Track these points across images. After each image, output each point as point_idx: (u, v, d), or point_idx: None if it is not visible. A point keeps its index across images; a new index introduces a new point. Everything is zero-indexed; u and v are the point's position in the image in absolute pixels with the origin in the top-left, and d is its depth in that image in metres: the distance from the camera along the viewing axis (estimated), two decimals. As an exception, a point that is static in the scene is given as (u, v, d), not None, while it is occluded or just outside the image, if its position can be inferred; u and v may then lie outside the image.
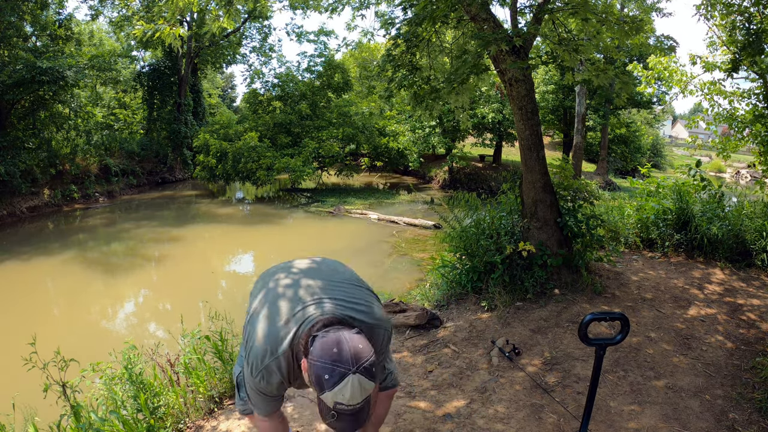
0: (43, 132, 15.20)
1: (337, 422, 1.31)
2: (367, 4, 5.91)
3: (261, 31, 23.48)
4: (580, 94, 15.27)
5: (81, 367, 2.78)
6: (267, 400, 1.62)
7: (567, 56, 3.97)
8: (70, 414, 2.54)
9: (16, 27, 14.52)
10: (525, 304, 4.07)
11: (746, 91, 6.82)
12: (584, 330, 1.72)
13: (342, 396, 1.28)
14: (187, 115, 21.37)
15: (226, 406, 3.00)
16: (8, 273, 8.66)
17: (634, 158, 25.57)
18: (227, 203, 16.71)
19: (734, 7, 6.12)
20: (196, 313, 6.19)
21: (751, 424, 2.51)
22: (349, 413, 1.30)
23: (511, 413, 2.67)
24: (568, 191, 4.64)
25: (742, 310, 3.97)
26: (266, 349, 1.51)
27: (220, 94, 42.03)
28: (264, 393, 1.58)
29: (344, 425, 1.31)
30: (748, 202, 6.02)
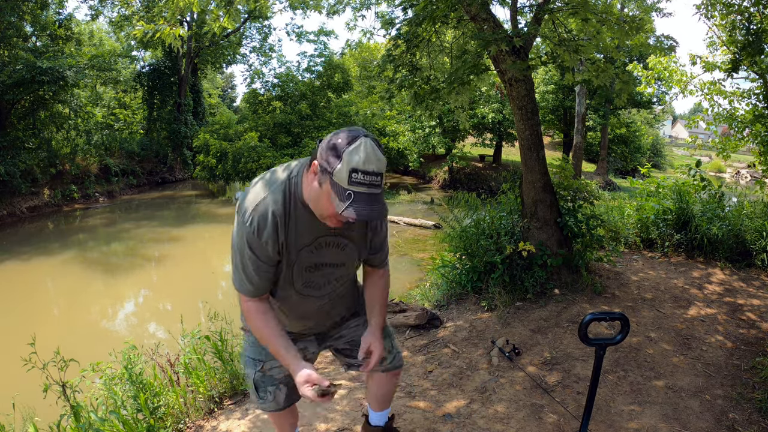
0: (43, 132, 15.21)
1: (354, 203, 1.24)
2: (368, 5, 5.91)
3: (261, 31, 23.51)
4: (580, 94, 15.27)
5: (81, 367, 2.78)
6: (256, 265, 1.45)
7: (567, 56, 3.97)
8: (69, 414, 2.54)
9: (16, 27, 14.53)
10: (525, 304, 4.07)
11: (746, 91, 6.82)
12: (584, 330, 1.72)
13: (357, 158, 1.22)
14: (187, 115, 21.37)
15: (226, 406, 3.00)
16: (8, 273, 8.66)
17: (634, 158, 25.58)
18: (227, 203, 16.71)
19: (734, 7, 6.12)
20: (196, 313, 6.19)
21: (751, 424, 2.51)
22: (366, 187, 1.24)
23: (511, 413, 2.67)
24: (568, 191, 4.64)
25: (742, 310, 3.97)
26: (258, 192, 1.42)
27: (220, 94, 42.04)
28: (253, 249, 1.42)
29: (361, 207, 1.24)
30: (748, 202, 6.02)
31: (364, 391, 2.99)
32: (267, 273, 1.48)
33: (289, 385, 1.80)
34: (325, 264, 1.57)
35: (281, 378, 1.79)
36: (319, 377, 1.44)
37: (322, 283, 1.61)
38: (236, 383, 3.12)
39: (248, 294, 1.52)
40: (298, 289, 1.59)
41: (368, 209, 1.25)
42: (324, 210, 1.35)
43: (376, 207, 1.27)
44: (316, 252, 1.52)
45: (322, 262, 1.55)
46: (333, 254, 1.56)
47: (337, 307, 1.76)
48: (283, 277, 1.53)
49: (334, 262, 1.58)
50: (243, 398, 3.08)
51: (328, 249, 1.54)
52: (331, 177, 1.26)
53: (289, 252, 1.47)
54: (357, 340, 1.81)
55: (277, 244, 1.43)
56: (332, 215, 1.34)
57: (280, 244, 1.44)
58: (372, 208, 1.26)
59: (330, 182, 1.26)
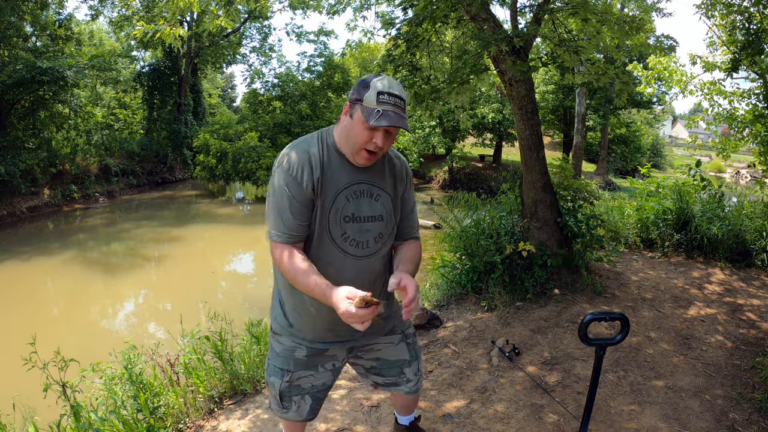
0: (43, 132, 15.21)
1: (383, 117, 1.41)
2: (368, 5, 5.91)
3: (261, 31, 23.51)
4: (580, 94, 15.28)
5: (81, 367, 2.78)
6: (291, 204, 1.48)
7: (567, 57, 3.97)
8: (69, 414, 2.54)
9: (16, 27, 14.53)
10: (525, 304, 4.07)
11: (746, 91, 6.82)
12: (584, 330, 1.72)
13: (383, 84, 1.44)
14: (187, 115, 21.37)
15: (226, 406, 3.00)
16: (8, 273, 8.66)
17: (634, 158, 25.58)
18: (227, 203, 16.71)
19: (734, 7, 6.12)
20: (196, 313, 6.19)
21: (751, 424, 2.51)
22: (392, 106, 1.43)
23: (511, 413, 2.67)
24: (568, 191, 4.64)
25: (742, 310, 3.97)
26: (293, 143, 1.57)
27: (220, 94, 42.05)
28: (289, 187, 1.48)
29: (390, 116, 1.41)
30: (748, 202, 6.02)
31: (364, 391, 2.99)
32: (301, 214, 1.51)
33: (314, 396, 1.78)
34: (362, 217, 1.57)
35: (308, 388, 1.76)
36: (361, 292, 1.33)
37: (360, 241, 1.58)
38: (236, 383, 3.12)
39: (282, 239, 1.50)
40: (337, 241, 1.55)
41: (396, 118, 1.42)
42: (356, 138, 1.47)
43: (402, 120, 1.44)
44: (353, 201, 1.56)
45: (358, 214, 1.56)
46: (368, 205, 1.58)
47: (380, 282, 1.68)
48: (319, 222, 1.53)
49: (371, 215, 1.58)
50: (243, 398, 3.08)
51: (363, 199, 1.57)
52: (361, 104, 1.45)
53: (325, 194, 1.52)
54: (386, 359, 1.81)
55: (312, 181, 1.50)
56: (364, 142, 1.47)
57: (315, 180, 1.50)
58: (399, 118, 1.43)
59: (360, 108, 1.44)
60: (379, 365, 1.84)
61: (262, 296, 7.62)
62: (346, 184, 1.55)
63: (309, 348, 1.71)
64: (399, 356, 1.83)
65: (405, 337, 1.84)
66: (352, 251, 1.57)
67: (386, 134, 1.48)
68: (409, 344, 1.85)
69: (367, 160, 1.51)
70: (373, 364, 1.84)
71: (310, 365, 1.73)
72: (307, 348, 1.71)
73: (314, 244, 1.56)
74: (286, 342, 1.73)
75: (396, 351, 1.82)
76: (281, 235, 1.50)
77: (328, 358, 1.75)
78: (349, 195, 1.55)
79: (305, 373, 1.73)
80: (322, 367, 1.76)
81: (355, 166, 1.56)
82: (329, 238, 1.55)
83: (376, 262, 1.63)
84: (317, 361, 1.74)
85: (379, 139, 1.46)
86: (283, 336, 1.74)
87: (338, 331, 1.68)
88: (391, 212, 1.64)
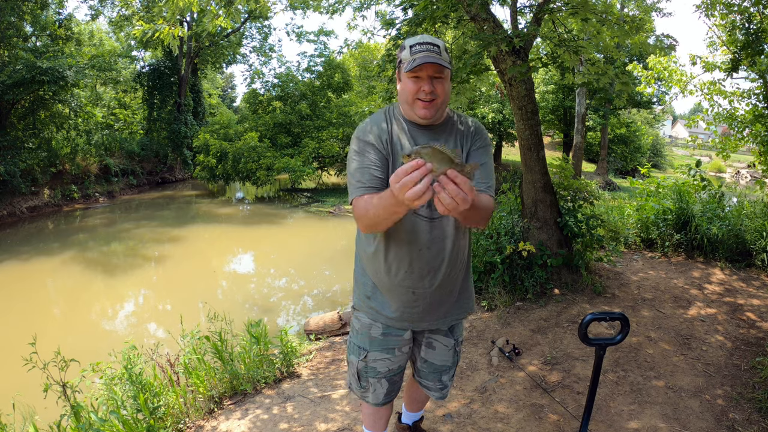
0: (43, 132, 15.19)
1: (416, 60, 1.46)
2: (368, 5, 5.91)
3: (261, 31, 23.51)
4: (580, 94, 15.27)
5: (81, 367, 2.78)
6: (367, 161, 1.56)
7: (567, 57, 3.97)
8: (70, 414, 2.54)
9: (16, 27, 14.53)
10: (525, 304, 4.07)
11: (746, 91, 6.81)
12: (584, 330, 1.72)
13: (415, 39, 1.52)
14: (187, 115, 21.36)
15: (226, 406, 3.00)
16: (8, 273, 8.66)
17: (634, 158, 25.56)
18: (227, 203, 16.71)
19: (734, 7, 6.12)
20: (196, 313, 6.19)
21: (751, 424, 2.51)
22: (424, 48, 1.48)
23: (511, 413, 2.67)
24: (568, 191, 4.64)
25: (742, 310, 3.97)
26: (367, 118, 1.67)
27: (220, 94, 42.02)
28: (365, 146, 1.57)
29: (423, 58, 1.46)
30: (748, 202, 6.02)
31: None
32: (376, 171, 1.55)
33: (391, 380, 1.83)
34: None
35: (384, 372, 1.80)
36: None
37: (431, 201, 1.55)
38: (236, 383, 3.12)
39: (358, 192, 1.54)
40: None
41: (429, 57, 1.46)
42: (407, 94, 1.53)
43: (437, 58, 1.47)
44: None
45: None
46: None
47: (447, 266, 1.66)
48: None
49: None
50: (243, 398, 3.08)
51: None
52: (401, 64, 1.53)
53: (394, 157, 1.58)
54: (433, 363, 1.85)
55: (381, 141, 1.58)
56: (414, 93, 1.52)
57: (383, 141, 1.58)
58: (433, 57, 1.47)
59: (401, 67, 1.53)
60: (425, 368, 1.88)
61: (262, 296, 7.62)
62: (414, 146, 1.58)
63: (385, 326, 1.74)
64: (444, 362, 1.87)
65: (456, 344, 1.87)
66: (423, 212, 1.59)
67: (432, 80, 1.50)
68: (456, 352, 1.88)
69: (425, 109, 1.54)
70: (421, 365, 1.89)
71: (386, 347, 1.76)
72: (383, 326, 1.74)
73: None
74: (363, 318, 1.78)
75: (444, 357, 1.85)
76: (357, 189, 1.53)
77: (404, 342, 1.78)
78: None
79: (381, 356, 1.77)
80: (399, 351, 1.79)
81: (421, 132, 1.60)
82: None
83: (448, 226, 1.62)
84: (393, 343, 1.77)
85: (426, 85, 1.49)
86: (361, 311, 1.78)
87: (412, 312, 1.70)
88: None
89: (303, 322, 5.16)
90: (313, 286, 8.02)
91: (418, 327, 1.75)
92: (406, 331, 1.76)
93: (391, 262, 1.63)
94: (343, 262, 8.80)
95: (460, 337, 1.88)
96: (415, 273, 1.63)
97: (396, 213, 1.32)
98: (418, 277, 1.63)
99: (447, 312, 1.75)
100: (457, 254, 1.68)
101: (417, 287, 1.65)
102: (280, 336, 3.53)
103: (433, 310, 1.71)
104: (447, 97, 1.56)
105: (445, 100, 1.56)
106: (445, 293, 1.70)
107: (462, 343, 1.93)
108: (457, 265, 1.69)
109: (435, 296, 1.68)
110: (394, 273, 1.64)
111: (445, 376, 1.90)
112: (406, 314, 1.70)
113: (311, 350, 3.89)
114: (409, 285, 1.64)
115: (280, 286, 8.40)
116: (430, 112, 1.54)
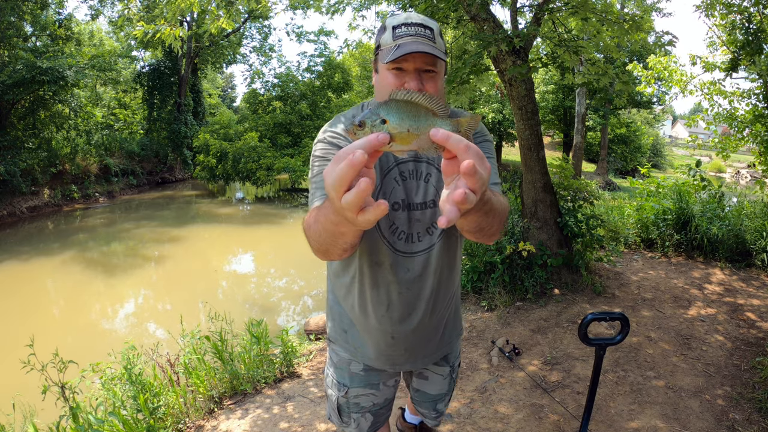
0: (43, 132, 15.19)
1: (399, 49, 1.12)
2: (368, 5, 5.90)
3: (261, 31, 23.50)
4: (580, 94, 15.27)
5: (80, 368, 2.78)
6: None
7: (567, 57, 3.97)
8: (69, 415, 2.54)
9: (16, 27, 14.53)
10: (525, 304, 4.07)
11: (746, 91, 6.82)
12: (584, 330, 1.72)
13: (399, 18, 1.16)
14: (187, 115, 21.36)
15: (226, 406, 3.00)
16: (8, 273, 8.66)
17: (634, 158, 25.55)
18: (227, 203, 16.71)
19: (734, 7, 6.12)
20: (196, 313, 6.19)
21: (751, 424, 2.51)
22: (411, 31, 1.14)
23: (511, 413, 2.66)
24: (568, 191, 4.64)
25: (742, 310, 3.97)
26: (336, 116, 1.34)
27: (220, 94, 42.02)
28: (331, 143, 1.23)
29: (407, 46, 1.11)
30: (748, 202, 6.02)
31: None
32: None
33: (376, 414, 1.60)
34: (412, 204, 1.28)
35: (369, 407, 1.57)
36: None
37: (409, 233, 1.30)
38: (236, 383, 3.12)
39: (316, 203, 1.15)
40: (385, 234, 1.28)
41: (415, 44, 1.11)
42: (386, 90, 1.17)
43: (426, 45, 1.12)
44: (401, 183, 1.28)
45: (408, 200, 1.28)
46: (417, 188, 1.29)
47: (432, 305, 1.40)
48: None
49: (421, 201, 1.29)
50: (243, 398, 3.08)
51: (411, 181, 1.28)
52: (380, 50, 1.19)
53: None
54: (427, 393, 1.67)
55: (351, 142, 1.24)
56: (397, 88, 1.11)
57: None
58: (420, 44, 1.12)
59: (380, 55, 1.18)
60: (418, 397, 1.73)
61: (262, 296, 7.62)
62: (394, 163, 1.27)
63: (365, 365, 1.51)
64: (440, 391, 1.69)
65: (452, 371, 1.67)
66: (401, 247, 1.30)
67: (420, 74, 1.15)
68: (453, 378, 1.70)
69: None
70: (414, 394, 1.75)
71: (369, 382, 1.54)
72: (363, 364, 1.52)
73: (363, 239, 1.29)
74: (341, 353, 1.54)
75: (439, 386, 1.67)
76: (315, 199, 1.18)
77: (389, 375, 1.57)
78: (398, 176, 1.28)
79: (364, 392, 1.54)
80: (384, 385, 1.57)
81: None
82: (377, 231, 1.28)
83: (433, 258, 1.33)
84: (376, 378, 1.54)
85: (411, 81, 1.14)
86: (337, 344, 1.55)
87: (393, 356, 1.46)
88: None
89: (303, 322, 5.16)
90: (313, 286, 8.02)
91: (402, 369, 1.53)
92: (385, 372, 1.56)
93: (366, 301, 1.37)
94: (343, 262, 8.79)
95: (456, 361, 1.67)
96: (395, 316, 1.37)
97: (341, 234, 0.91)
98: (398, 320, 1.37)
99: (434, 350, 1.53)
100: (447, 290, 1.43)
101: (396, 332, 1.39)
102: (280, 336, 3.53)
103: (417, 353, 1.48)
104: (441, 96, 1.22)
105: None
106: (430, 333, 1.46)
107: (459, 366, 1.73)
108: (446, 302, 1.45)
109: (417, 339, 1.44)
110: (371, 314, 1.38)
111: (440, 404, 1.73)
112: (385, 357, 1.46)
113: (311, 350, 3.89)
114: (386, 329, 1.39)
115: (280, 286, 8.40)
116: None
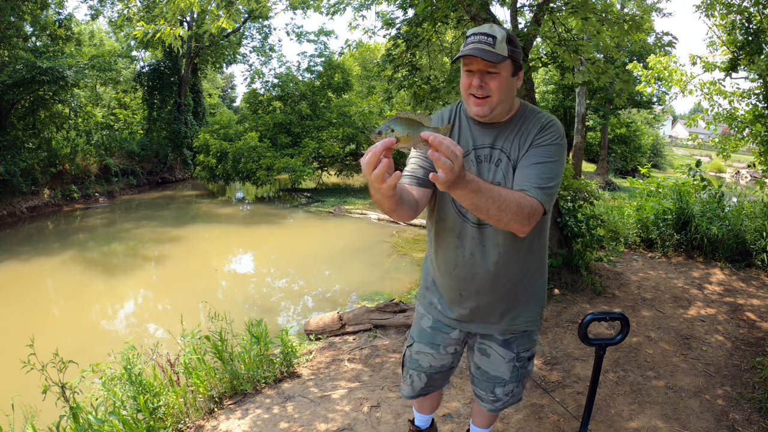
0: (43, 132, 15.19)
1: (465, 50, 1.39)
2: (368, 5, 5.91)
3: (261, 31, 23.50)
4: (580, 94, 15.26)
5: (81, 368, 2.77)
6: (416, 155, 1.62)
7: (567, 56, 3.97)
8: (69, 415, 2.54)
9: (16, 27, 14.52)
10: (525, 304, 4.07)
11: (746, 91, 6.82)
12: (584, 330, 1.72)
13: (474, 30, 1.43)
14: (187, 115, 21.36)
15: (226, 406, 3.00)
16: (8, 273, 8.66)
17: (634, 158, 25.54)
18: (227, 203, 16.71)
19: (734, 7, 6.13)
20: (196, 313, 6.19)
21: (751, 424, 2.51)
22: (476, 39, 1.39)
23: (510, 413, 2.66)
24: (568, 191, 4.64)
25: (742, 310, 3.97)
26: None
27: (220, 94, 42.01)
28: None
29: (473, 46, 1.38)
30: (748, 202, 6.02)
31: (365, 391, 2.99)
32: (423, 162, 1.58)
33: (431, 378, 1.82)
34: None
35: (426, 368, 1.79)
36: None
37: None
38: (236, 383, 3.12)
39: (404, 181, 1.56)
40: (456, 203, 1.52)
41: (474, 49, 1.37)
42: (462, 89, 1.47)
43: (483, 52, 1.37)
44: (475, 165, 1.54)
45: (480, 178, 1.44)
46: (488, 171, 1.53)
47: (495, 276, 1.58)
48: None
49: (490, 181, 1.49)
50: (243, 398, 3.08)
51: (484, 163, 1.54)
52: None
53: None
54: (487, 371, 1.76)
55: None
56: (466, 88, 1.46)
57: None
58: (478, 50, 1.37)
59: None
60: (478, 375, 1.81)
61: (262, 296, 7.62)
62: (472, 148, 1.55)
63: (435, 320, 1.76)
64: (499, 374, 1.75)
65: (516, 359, 1.73)
66: (471, 216, 1.53)
67: (483, 74, 1.41)
68: (516, 367, 1.74)
69: (477, 107, 1.46)
70: (475, 371, 1.83)
71: (432, 342, 1.76)
72: (433, 319, 1.76)
73: (438, 207, 1.59)
74: (419, 308, 1.83)
75: (500, 368, 1.74)
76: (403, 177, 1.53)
77: (452, 341, 1.76)
78: (473, 159, 1.54)
79: (426, 350, 1.77)
80: (444, 350, 1.77)
81: (481, 130, 1.54)
82: (450, 199, 1.54)
83: (497, 235, 1.54)
84: (440, 339, 1.76)
85: (475, 79, 1.41)
86: (419, 301, 1.83)
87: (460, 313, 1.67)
88: (510, 180, 1.49)
89: (303, 322, 5.16)
90: (313, 286, 8.02)
91: (466, 329, 1.72)
92: (454, 330, 1.74)
93: (440, 259, 1.64)
94: (343, 262, 8.80)
95: (523, 353, 1.73)
96: (461, 276, 1.61)
97: (377, 201, 1.28)
98: (464, 280, 1.61)
99: (497, 319, 1.67)
100: (513, 265, 1.58)
101: (463, 290, 1.63)
102: (280, 336, 3.53)
103: (481, 315, 1.66)
104: (504, 94, 1.45)
105: (501, 97, 1.45)
106: (495, 301, 1.63)
107: (529, 360, 1.77)
108: (510, 279, 1.60)
109: (483, 303, 1.63)
110: (443, 271, 1.65)
111: (499, 389, 1.77)
112: (453, 312, 1.69)
113: (311, 350, 3.89)
114: (455, 285, 1.64)
115: (280, 286, 8.40)
116: (483, 110, 1.45)
